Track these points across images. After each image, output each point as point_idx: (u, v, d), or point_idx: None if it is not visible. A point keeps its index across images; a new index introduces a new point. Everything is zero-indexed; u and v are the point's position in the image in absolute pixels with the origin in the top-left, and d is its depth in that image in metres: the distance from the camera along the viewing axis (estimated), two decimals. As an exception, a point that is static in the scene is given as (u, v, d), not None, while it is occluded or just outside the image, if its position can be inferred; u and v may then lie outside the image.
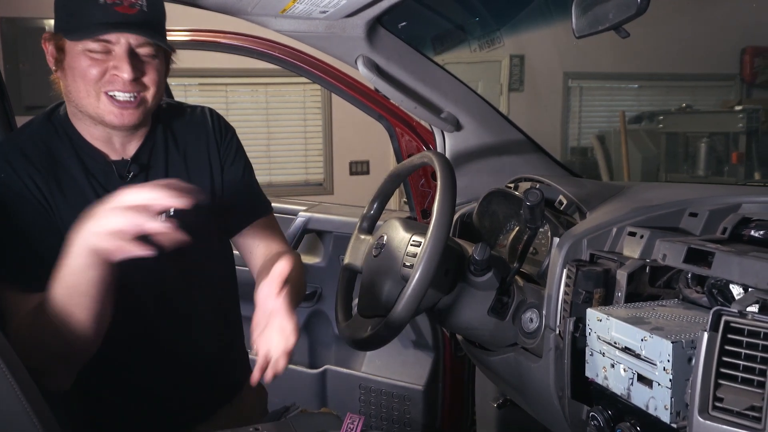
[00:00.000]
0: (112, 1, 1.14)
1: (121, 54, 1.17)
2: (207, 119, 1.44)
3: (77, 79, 1.19)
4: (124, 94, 1.19)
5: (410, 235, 1.37)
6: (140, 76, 1.20)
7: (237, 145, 1.47)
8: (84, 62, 1.17)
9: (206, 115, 1.44)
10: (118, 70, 1.17)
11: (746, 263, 1.01)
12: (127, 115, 1.21)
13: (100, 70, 1.17)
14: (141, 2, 1.17)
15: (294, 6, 1.55)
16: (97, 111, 1.20)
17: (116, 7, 1.14)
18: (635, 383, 1.02)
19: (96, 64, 1.17)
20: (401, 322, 1.23)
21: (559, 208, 1.54)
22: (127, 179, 1.28)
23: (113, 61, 1.18)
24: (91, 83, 1.18)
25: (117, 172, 1.27)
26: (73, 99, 1.22)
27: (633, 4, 1.09)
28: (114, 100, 1.20)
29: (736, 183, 3.99)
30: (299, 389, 2.42)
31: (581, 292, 1.21)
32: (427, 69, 1.92)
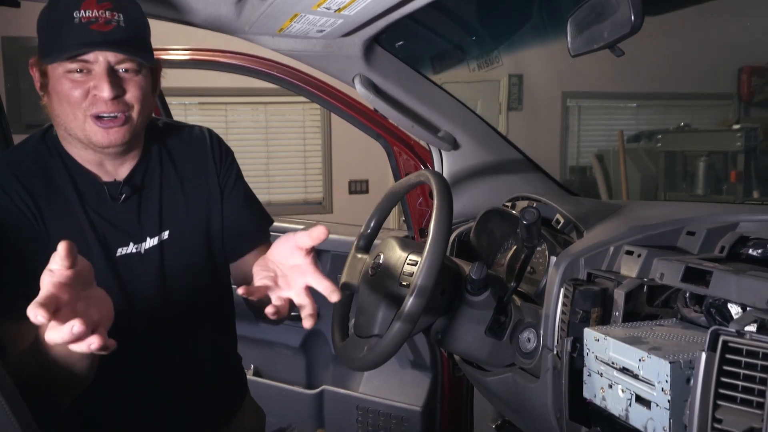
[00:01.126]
0: (87, 20, 1.12)
1: (100, 72, 1.15)
2: (206, 141, 1.41)
3: (62, 103, 1.17)
4: (108, 114, 1.17)
5: (407, 254, 1.37)
6: (122, 94, 1.18)
7: (237, 170, 1.45)
8: (66, 85, 1.15)
9: (205, 137, 1.42)
10: (97, 89, 1.15)
11: (744, 282, 1.00)
12: (113, 134, 1.19)
13: (82, 92, 1.15)
14: (117, 18, 1.14)
15: (291, 25, 1.55)
16: (84, 133, 1.18)
17: (91, 25, 1.12)
18: (633, 404, 1.01)
19: (77, 85, 1.15)
20: (397, 342, 1.22)
21: (557, 227, 1.54)
22: (119, 201, 1.26)
23: (93, 81, 1.16)
24: (75, 106, 1.16)
25: (109, 193, 1.25)
26: (61, 122, 1.20)
27: (627, 22, 1.09)
28: (98, 119, 1.17)
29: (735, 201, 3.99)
30: (296, 410, 2.40)
31: (578, 311, 1.20)
32: (424, 88, 1.93)
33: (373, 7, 1.41)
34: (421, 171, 1.42)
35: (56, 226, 1.20)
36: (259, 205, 1.49)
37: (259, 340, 2.54)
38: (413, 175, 1.46)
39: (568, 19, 1.28)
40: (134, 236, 1.27)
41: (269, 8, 1.44)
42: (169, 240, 1.31)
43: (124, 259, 1.25)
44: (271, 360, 2.57)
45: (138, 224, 1.28)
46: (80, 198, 1.23)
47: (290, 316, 2.54)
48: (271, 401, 2.32)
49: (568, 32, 1.29)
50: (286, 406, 2.41)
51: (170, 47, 2.19)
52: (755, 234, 1.17)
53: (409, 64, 1.90)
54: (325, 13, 1.44)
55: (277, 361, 2.56)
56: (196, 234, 1.35)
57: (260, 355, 2.57)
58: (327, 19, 1.50)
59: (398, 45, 1.90)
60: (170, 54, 2.20)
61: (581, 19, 1.26)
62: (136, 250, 1.26)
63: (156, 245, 1.29)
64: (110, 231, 1.24)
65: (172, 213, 1.32)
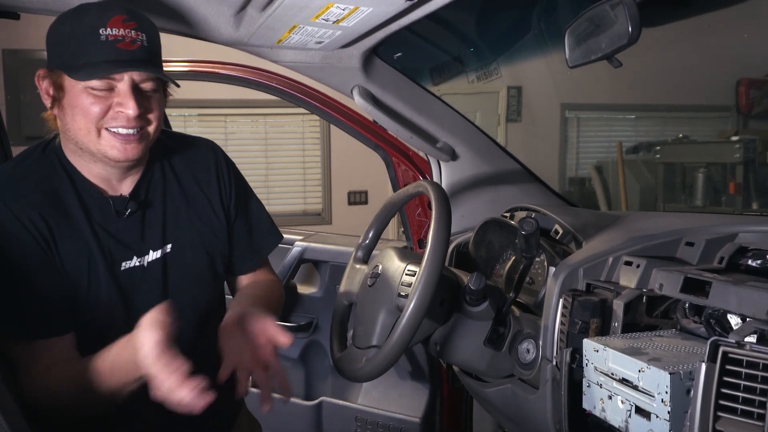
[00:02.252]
0: (114, 38, 1.13)
1: (126, 91, 1.16)
2: (211, 156, 1.42)
3: (77, 117, 1.17)
4: (127, 129, 1.18)
5: (405, 264, 1.36)
6: (144, 112, 1.19)
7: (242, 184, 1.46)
8: (86, 100, 1.15)
9: (210, 152, 1.42)
10: (122, 107, 1.16)
11: (743, 293, 1.00)
12: (130, 149, 1.19)
13: (104, 108, 1.16)
14: (141, 37, 1.16)
15: (290, 37, 1.56)
16: (99, 147, 1.19)
17: (118, 44, 1.13)
18: (633, 415, 1.00)
19: (99, 101, 1.15)
20: (396, 352, 1.22)
21: (555, 238, 1.54)
22: (125, 216, 1.26)
23: (117, 98, 1.16)
24: (92, 121, 1.16)
25: (114, 208, 1.25)
26: (73, 136, 1.20)
27: (625, 34, 1.10)
28: (116, 134, 1.18)
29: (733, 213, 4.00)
30: (294, 421, 2.38)
31: (577, 322, 1.20)
32: (422, 99, 1.93)
33: (371, 19, 1.42)
34: (419, 182, 1.42)
35: (64, 243, 1.20)
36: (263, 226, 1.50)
37: (258, 352, 2.52)
38: (412, 185, 1.46)
39: (565, 31, 1.28)
40: (137, 250, 1.27)
41: (268, 20, 1.44)
42: (172, 253, 1.31)
43: (127, 273, 1.25)
44: (269, 371, 2.55)
45: (141, 238, 1.27)
46: (86, 213, 1.23)
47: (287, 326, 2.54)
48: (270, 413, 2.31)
49: (565, 43, 1.29)
50: (284, 417, 2.39)
51: (170, 59, 2.19)
52: (754, 245, 1.17)
53: (408, 76, 1.91)
54: (323, 25, 1.44)
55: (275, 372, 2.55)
56: (198, 247, 1.35)
57: (258, 366, 2.55)
58: (325, 31, 1.50)
59: (397, 56, 1.90)
60: (170, 66, 2.21)
61: (579, 31, 1.26)
62: (139, 264, 1.26)
63: (159, 258, 1.29)
64: (114, 245, 1.24)
65: (175, 226, 1.32)
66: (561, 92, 6.28)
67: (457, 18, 4.87)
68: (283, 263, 2.38)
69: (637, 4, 1.07)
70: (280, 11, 1.37)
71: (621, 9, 1.09)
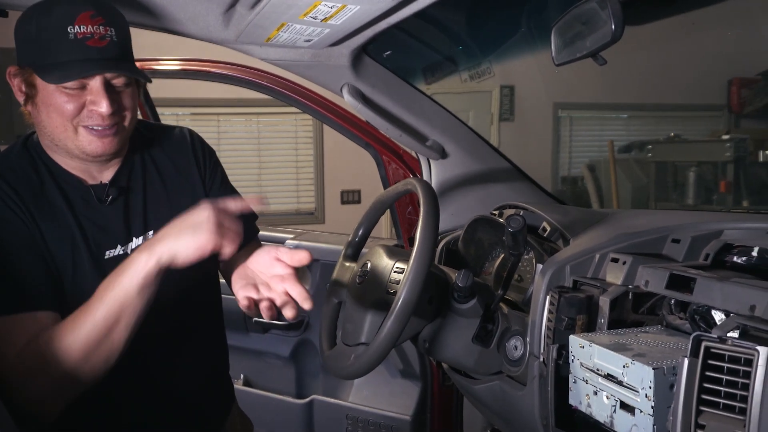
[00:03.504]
0: (83, 35, 1.12)
1: (98, 89, 1.16)
2: (187, 141, 1.42)
3: (52, 115, 1.17)
4: (103, 126, 1.18)
5: (394, 261, 1.37)
6: (117, 108, 1.19)
7: (221, 171, 1.46)
8: (59, 98, 1.15)
9: (186, 137, 1.43)
10: (95, 105, 1.16)
11: (727, 289, 1.01)
12: (107, 143, 1.20)
13: (77, 105, 1.16)
14: (110, 32, 1.15)
15: (278, 35, 1.56)
16: (76, 143, 1.19)
17: (87, 41, 1.13)
18: (618, 410, 1.01)
19: (72, 99, 1.15)
20: (384, 349, 1.22)
21: (543, 235, 1.54)
22: (106, 203, 1.27)
23: (90, 96, 1.16)
24: (68, 119, 1.16)
25: (95, 196, 1.26)
26: (49, 133, 1.20)
27: (608, 32, 1.10)
28: (92, 130, 1.18)
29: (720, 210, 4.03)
30: (285, 420, 2.39)
31: (564, 318, 1.21)
32: (412, 97, 1.93)
33: (359, 17, 1.42)
34: (408, 179, 1.42)
35: (48, 232, 1.20)
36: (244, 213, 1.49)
37: (249, 350, 2.53)
38: (400, 183, 1.46)
39: (551, 29, 1.29)
40: (121, 238, 1.27)
41: (256, 18, 1.44)
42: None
43: (112, 261, 1.25)
44: (260, 370, 2.56)
45: (124, 226, 1.28)
46: (68, 202, 1.24)
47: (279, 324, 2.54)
48: (261, 411, 2.31)
49: (552, 42, 1.30)
50: (275, 416, 2.39)
51: (162, 57, 2.19)
52: (739, 241, 1.18)
53: (397, 74, 1.91)
54: (311, 23, 1.45)
55: (266, 371, 2.55)
56: None
57: (250, 365, 2.56)
58: (314, 29, 1.50)
59: (386, 55, 1.90)
60: (162, 64, 2.20)
61: (565, 29, 1.27)
62: (123, 252, 1.27)
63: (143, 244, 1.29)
64: (98, 234, 1.25)
65: (157, 213, 1.33)
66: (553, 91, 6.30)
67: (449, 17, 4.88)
68: (274, 262, 2.38)
69: (621, 3, 1.08)
70: (269, 9, 1.37)
71: (605, 7, 1.10)
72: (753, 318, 0.93)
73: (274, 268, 1.18)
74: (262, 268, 1.21)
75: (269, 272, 1.19)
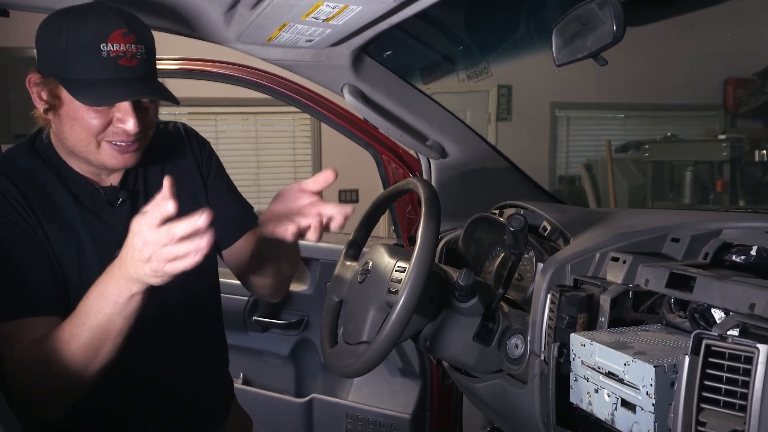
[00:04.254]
0: (115, 54, 1.12)
1: (127, 108, 1.16)
2: (182, 135, 1.43)
3: (77, 129, 1.17)
4: (127, 142, 1.19)
5: (395, 260, 1.37)
6: (143, 126, 1.20)
7: (216, 160, 1.47)
8: (87, 115, 1.15)
9: (180, 131, 1.43)
10: (123, 123, 1.16)
11: (727, 288, 1.02)
12: (128, 158, 1.21)
13: (104, 122, 1.16)
14: (140, 51, 1.15)
15: (280, 35, 1.56)
16: (97, 157, 1.20)
17: (120, 60, 1.12)
18: (619, 408, 1.02)
19: (100, 116, 1.15)
20: (386, 348, 1.22)
21: (543, 234, 1.55)
22: (116, 205, 1.27)
23: (118, 113, 1.16)
24: (93, 134, 1.16)
25: (106, 198, 1.26)
26: (70, 145, 1.20)
27: (610, 33, 1.11)
28: (116, 146, 1.19)
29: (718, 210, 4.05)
30: (285, 418, 2.39)
31: (565, 317, 1.21)
32: (412, 97, 1.94)
33: (362, 17, 1.42)
34: (409, 178, 1.43)
35: (52, 232, 1.20)
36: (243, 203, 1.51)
37: (249, 349, 2.53)
38: (401, 182, 1.47)
39: (552, 29, 1.30)
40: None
41: (258, 18, 1.44)
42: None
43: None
44: (260, 369, 2.56)
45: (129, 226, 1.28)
46: (76, 203, 1.24)
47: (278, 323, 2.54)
48: (261, 410, 2.32)
49: (552, 42, 1.31)
50: (275, 414, 2.40)
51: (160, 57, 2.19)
52: (738, 241, 1.19)
53: (398, 74, 1.92)
54: (313, 23, 1.45)
55: (266, 370, 2.56)
56: None
57: (249, 364, 2.56)
58: (316, 29, 1.51)
59: (387, 55, 1.91)
60: (160, 63, 2.20)
61: (566, 30, 1.28)
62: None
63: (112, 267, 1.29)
64: (106, 235, 1.25)
65: None
66: (551, 91, 6.31)
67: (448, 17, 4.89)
68: (273, 261, 2.38)
69: (622, 3, 1.09)
70: (270, 9, 1.37)
71: (606, 8, 1.11)
72: (753, 316, 0.93)
73: (301, 199, 1.21)
74: (290, 204, 1.23)
75: (298, 204, 1.21)
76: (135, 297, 1.06)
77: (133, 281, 1.03)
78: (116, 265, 1.05)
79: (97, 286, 1.08)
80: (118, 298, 1.06)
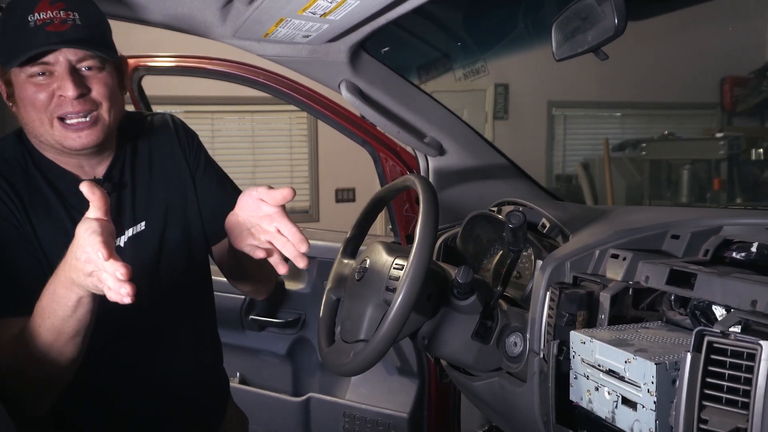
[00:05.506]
0: (42, 22, 1.12)
1: (62, 72, 1.14)
2: (170, 127, 1.41)
3: (29, 109, 1.16)
4: (76, 116, 1.16)
5: (393, 258, 1.36)
6: (87, 92, 1.17)
7: (205, 152, 1.45)
8: (30, 89, 1.15)
9: (168, 122, 1.42)
10: (61, 89, 1.14)
11: (728, 284, 1.01)
12: (84, 136, 1.18)
13: (47, 95, 1.15)
14: (73, 17, 1.14)
15: (276, 30, 1.55)
16: (54, 138, 1.18)
17: (47, 26, 1.12)
18: (620, 406, 1.01)
19: (41, 88, 1.15)
20: (384, 346, 1.21)
21: (542, 232, 1.54)
22: None
23: (56, 82, 1.15)
24: (41, 110, 1.15)
25: None
26: (30, 129, 1.20)
27: (611, 26, 1.10)
28: (67, 125, 1.17)
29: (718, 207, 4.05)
30: (282, 418, 2.38)
31: (565, 314, 1.20)
32: (410, 94, 1.93)
33: (358, 12, 1.41)
34: (407, 176, 1.42)
35: (40, 227, 1.20)
36: (233, 185, 1.48)
37: (245, 348, 2.52)
38: (399, 179, 1.46)
39: (552, 24, 1.29)
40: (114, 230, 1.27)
41: (255, 13, 1.43)
42: (146, 230, 1.31)
43: None
44: (257, 368, 2.55)
45: (118, 218, 1.28)
46: (60, 198, 1.23)
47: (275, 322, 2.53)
48: (258, 409, 2.31)
49: (552, 37, 1.30)
50: (272, 414, 2.39)
51: (155, 54, 2.18)
52: (738, 237, 1.18)
53: (396, 71, 1.91)
54: (310, 18, 1.44)
55: (263, 369, 2.54)
56: (171, 222, 1.35)
57: (246, 363, 2.55)
58: (313, 24, 1.50)
59: (384, 51, 1.90)
60: (155, 61, 2.19)
61: (566, 24, 1.27)
62: (116, 244, 1.26)
63: (133, 236, 1.30)
64: None
65: (147, 204, 1.33)
66: (548, 90, 6.31)
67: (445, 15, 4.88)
68: (270, 259, 2.37)
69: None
70: (267, 4, 1.36)
71: (607, 1, 1.10)
72: (755, 313, 0.93)
73: (261, 208, 1.14)
74: (249, 211, 1.16)
75: (257, 214, 1.15)
76: (83, 300, 1.03)
77: (77, 287, 1.01)
78: (62, 267, 1.03)
79: (49, 287, 1.06)
80: (67, 301, 1.03)
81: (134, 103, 2.27)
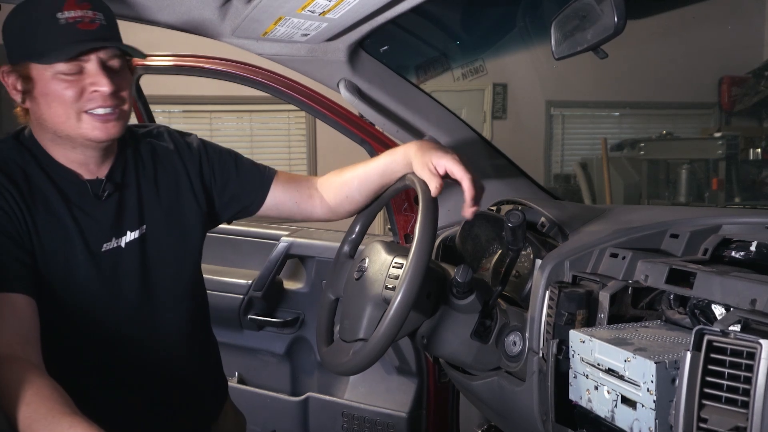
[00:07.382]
0: (73, 20, 1.13)
1: (96, 70, 1.16)
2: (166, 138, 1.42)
3: (53, 105, 1.17)
4: (105, 109, 1.18)
5: (392, 257, 1.36)
6: (117, 90, 1.19)
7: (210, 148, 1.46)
8: (58, 86, 1.15)
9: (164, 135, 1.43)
10: (96, 86, 1.16)
11: (727, 283, 1.01)
12: (111, 128, 1.20)
13: (77, 91, 1.16)
14: (99, 16, 1.16)
15: (275, 29, 1.55)
16: (79, 131, 1.19)
17: (78, 25, 1.13)
18: (619, 405, 1.01)
19: (71, 85, 1.15)
20: (383, 345, 1.21)
21: (542, 231, 1.54)
22: (102, 198, 1.27)
23: (89, 79, 1.16)
24: (68, 105, 1.16)
25: (92, 190, 1.26)
26: (51, 125, 1.19)
27: (611, 24, 1.10)
28: (96, 116, 1.18)
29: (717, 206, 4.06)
30: (280, 417, 2.38)
31: (564, 313, 1.20)
32: (408, 93, 1.93)
33: (357, 10, 1.41)
34: (406, 175, 1.42)
35: (40, 223, 1.20)
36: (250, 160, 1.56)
37: (244, 348, 2.52)
38: (399, 179, 1.46)
39: (551, 23, 1.29)
40: (116, 231, 1.28)
41: (254, 11, 1.43)
42: (148, 234, 1.32)
43: (107, 254, 1.26)
44: (255, 367, 2.55)
45: (118, 220, 1.28)
46: (62, 196, 1.23)
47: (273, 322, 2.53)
48: (256, 409, 2.30)
49: (552, 36, 1.30)
50: (270, 413, 2.38)
51: (154, 53, 2.17)
52: (737, 236, 1.18)
53: (394, 70, 1.90)
54: (309, 17, 1.44)
55: (261, 368, 2.54)
56: (171, 226, 1.36)
57: (244, 362, 2.55)
58: (311, 23, 1.49)
59: (383, 50, 1.90)
60: (154, 60, 2.19)
61: (565, 23, 1.27)
62: (117, 245, 1.27)
63: (136, 238, 1.30)
64: (93, 227, 1.25)
65: (150, 207, 1.33)
66: (546, 89, 6.32)
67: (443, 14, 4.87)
68: (269, 258, 2.37)
69: (622, -5, 1.08)
70: (266, 2, 1.36)
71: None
72: (754, 312, 0.93)
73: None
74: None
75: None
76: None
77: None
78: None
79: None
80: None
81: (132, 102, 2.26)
